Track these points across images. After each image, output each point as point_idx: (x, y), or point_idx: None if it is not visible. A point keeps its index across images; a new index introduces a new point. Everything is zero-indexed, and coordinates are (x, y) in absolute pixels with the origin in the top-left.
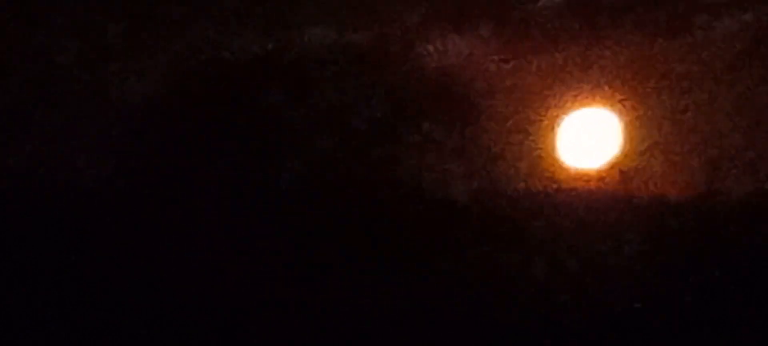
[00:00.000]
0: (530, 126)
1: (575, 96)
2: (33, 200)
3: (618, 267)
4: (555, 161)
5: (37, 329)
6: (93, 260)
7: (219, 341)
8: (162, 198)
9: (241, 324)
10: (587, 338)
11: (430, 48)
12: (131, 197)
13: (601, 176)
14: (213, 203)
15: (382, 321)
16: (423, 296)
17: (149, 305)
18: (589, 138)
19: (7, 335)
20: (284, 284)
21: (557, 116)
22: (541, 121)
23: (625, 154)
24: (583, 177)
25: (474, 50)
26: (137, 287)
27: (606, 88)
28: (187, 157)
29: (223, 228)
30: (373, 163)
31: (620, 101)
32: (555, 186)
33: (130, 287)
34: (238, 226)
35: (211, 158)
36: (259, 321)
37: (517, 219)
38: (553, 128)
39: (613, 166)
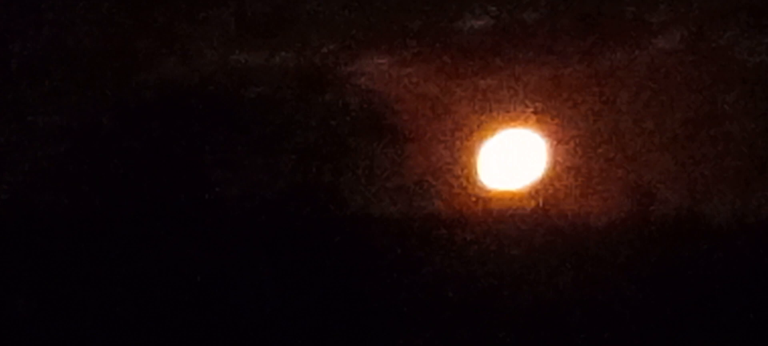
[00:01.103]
0: (454, 147)
1: (499, 118)
2: None
3: (539, 286)
4: (478, 183)
5: None
6: (39, 272)
7: None
8: (96, 219)
9: (175, 341)
10: None
11: (357, 71)
12: (65, 218)
13: (524, 197)
14: (145, 223)
15: (308, 333)
16: (351, 309)
17: (87, 311)
18: (513, 160)
19: None
20: (217, 302)
21: (481, 138)
22: (465, 143)
23: (549, 176)
24: (507, 198)
25: (399, 73)
26: (78, 292)
27: (531, 110)
28: (120, 180)
29: (156, 247)
30: (301, 183)
31: (545, 123)
32: (478, 207)
33: (71, 290)
34: (170, 244)
35: (145, 180)
36: (194, 339)
37: (440, 238)
38: (476, 150)
39: (537, 188)
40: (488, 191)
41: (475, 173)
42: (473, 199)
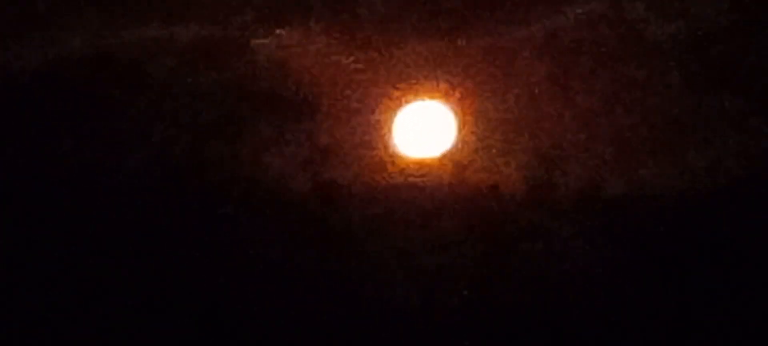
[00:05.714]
0: (366, 120)
1: (411, 89)
2: None
3: (453, 261)
4: (391, 154)
5: None
6: None
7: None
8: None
9: (81, 314)
10: (418, 336)
11: (265, 43)
12: None
13: (437, 169)
14: (57, 196)
15: (220, 312)
16: (260, 289)
17: None
18: (424, 131)
19: None
20: (129, 274)
21: (393, 109)
22: (377, 114)
23: (461, 148)
24: (419, 169)
25: (308, 45)
26: None
27: (442, 81)
28: (29, 152)
29: (67, 220)
30: (210, 159)
31: (457, 94)
32: (391, 179)
33: None
34: (82, 216)
35: (52, 152)
36: (100, 311)
37: (353, 212)
38: (388, 121)
39: (449, 159)
40: (399, 163)
41: (386, 145)
42: (385, 170)
